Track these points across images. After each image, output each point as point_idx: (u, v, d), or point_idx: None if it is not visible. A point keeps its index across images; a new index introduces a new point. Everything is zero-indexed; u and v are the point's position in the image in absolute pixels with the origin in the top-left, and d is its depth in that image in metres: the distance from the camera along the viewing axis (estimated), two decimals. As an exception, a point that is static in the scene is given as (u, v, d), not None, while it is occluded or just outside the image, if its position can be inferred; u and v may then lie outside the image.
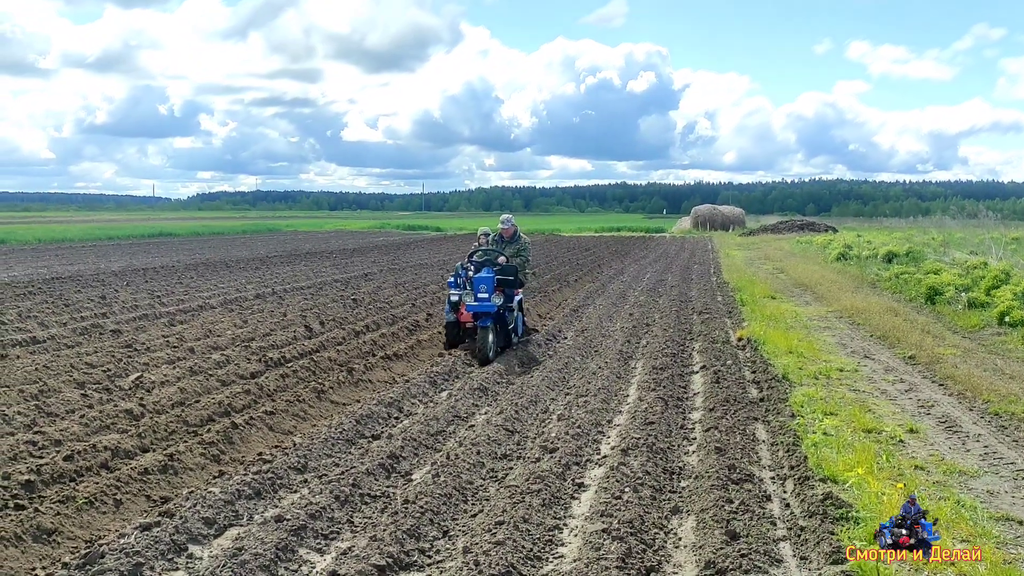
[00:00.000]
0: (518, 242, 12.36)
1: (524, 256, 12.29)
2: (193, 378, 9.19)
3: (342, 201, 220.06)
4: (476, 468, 6.48)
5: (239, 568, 4.57)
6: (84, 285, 18.65)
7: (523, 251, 12.34)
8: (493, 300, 10.74)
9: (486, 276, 10.97)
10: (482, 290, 10.79)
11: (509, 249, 12.13)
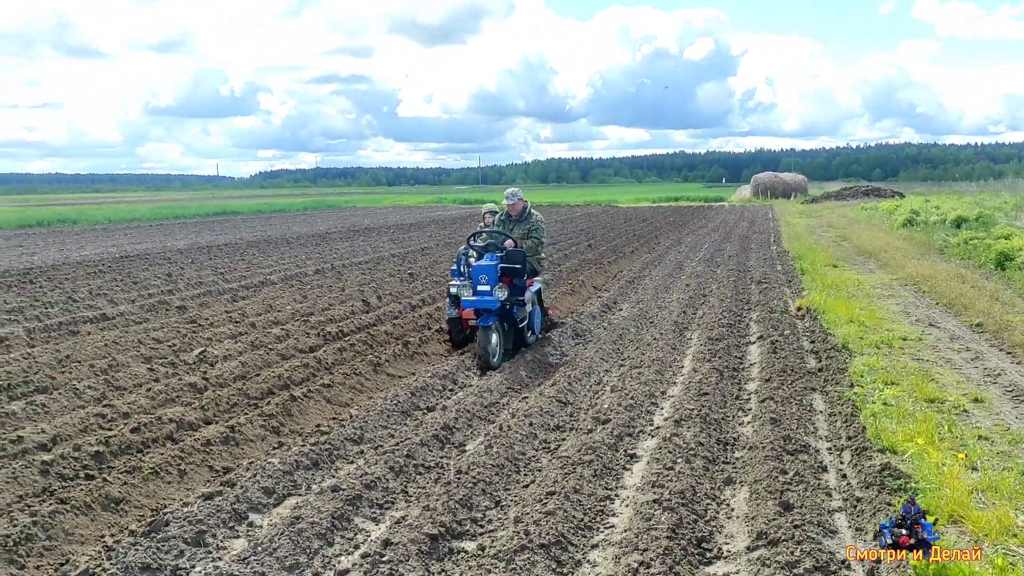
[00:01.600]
0: (528, 221, 10.18)
1: (536, 237, 10.14)
2: (254, 352, 9.42)
3: (400, 176, 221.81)
4: (528, 439, 6.52)
5: (297, 536, 4.70)
6: (151, 263, 19.21)
7: (534, 231, 10.15)
8: (496, 294, 8.95)
9: (487, 265, 9.15)
10: (482, 281, 9.04)
11: (517, 230, 10.08)
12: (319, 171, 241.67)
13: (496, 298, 8.94)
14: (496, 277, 9.10)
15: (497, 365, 8.90)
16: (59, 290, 14.44)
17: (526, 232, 10.10)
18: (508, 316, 9.30)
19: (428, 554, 4.52)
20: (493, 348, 8.98)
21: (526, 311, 9.59)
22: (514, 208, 10.14)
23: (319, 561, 4.57)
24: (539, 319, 10.27)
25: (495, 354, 9.02)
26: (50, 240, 27.27)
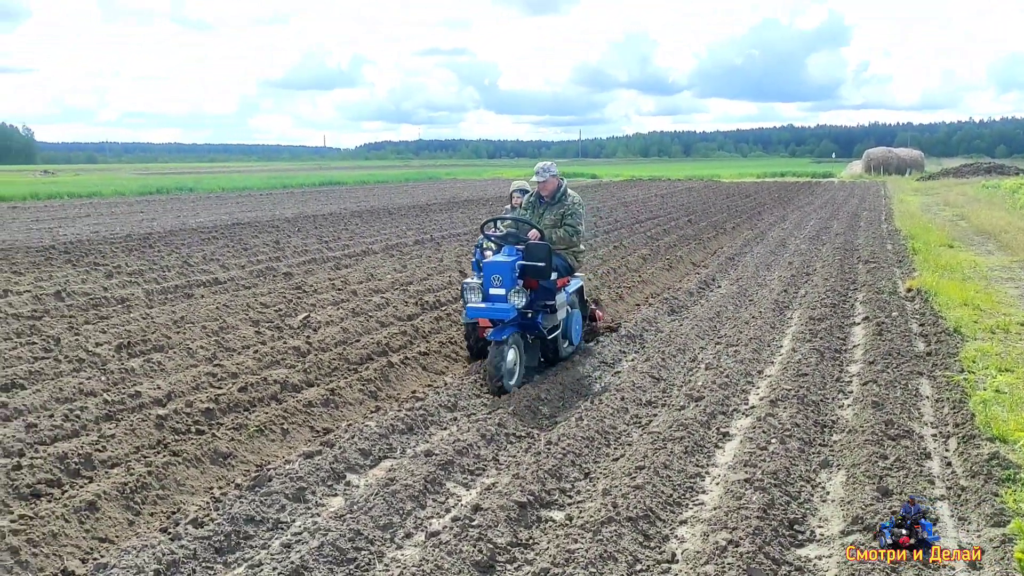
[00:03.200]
0: (563, 203, 8.07)
1: (571, 225, 7.99)
2: (355, 319, 9.71)
3: (500, 149, 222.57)
4: (619, 413, 6.51)
5: (391, 497, 4.85)
6: (260, 231, 19.97)
7: (569, 217, 8.00)
8: (511, 299, 7.10)
9: (502, 262, 7.32)
10: (495, 283, 7.23)
11: (549, 215, 8.05)
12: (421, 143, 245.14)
13: (512, 305, 7.10)
14: (514, 278, 7.22)
15: (512, 388, 7.10)
16: (175, 255, 15.20)
17: (559, 218, 8.01)
18: (531, 326, 7.43)
19: (517, 521, 4.60)
20: (508, 368, 7.12)
21: (557, 318, 7.58)
22: (545, 187, 8.03)
23: (411, 522, 4.71)
24: (578, 325, 8.22)
25: (512, 375, 7.21)
26: (168, 207, 28.66)
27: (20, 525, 4.50)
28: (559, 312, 7.59)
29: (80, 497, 4.83)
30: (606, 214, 24.88)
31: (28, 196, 32.71)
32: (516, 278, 7.25)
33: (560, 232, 7.96)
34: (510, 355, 7.20)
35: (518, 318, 7.29)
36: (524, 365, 7.51)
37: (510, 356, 7.20)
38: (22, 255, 14.84)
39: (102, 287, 11.68)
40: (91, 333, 8.87)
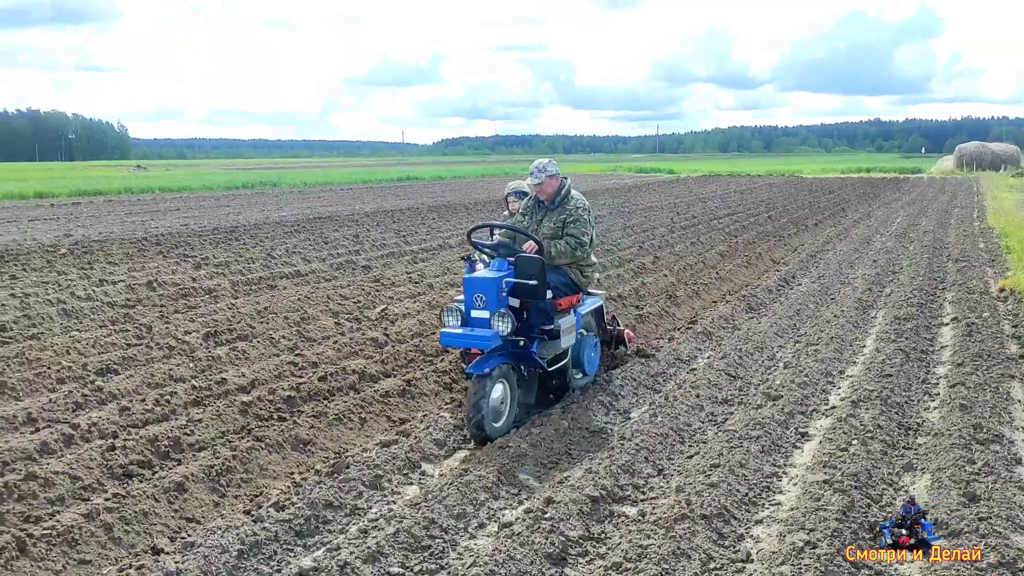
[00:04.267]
0: (564, 208, 6.73)
1: (574, 235, 6.64)
2: (431, 311, 9.84)
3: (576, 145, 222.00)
4: (694, 411, 6.45)
5: (464, 487, 4.92)
6: (341, 224, 20.40)
7: (573, 225, 6.66)
8: (495, 325, 5.89)
9: (486, 278, 6.14)
10: (477, 304, 6.08)
11: (548, 222, 6.75)
12: (498, 139, 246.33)
13: (496, 332, 5.88)
14: (499, 298, 6.03)
15: (499, 433, 5.85)
16: (260, 247, 15.66)
17: (559, 226, 6.67)
18: (524, 356, 6.17)
19: (589, 515, 4.61)
20: (493, 408, 5.87)
21: (560, 345, 6.31)
22: (543, 190, 6.70)
23: (484, 512, 4.77)
24: (594, 352, 7.03)
25: (499, 416, 5.96)
26: (253, 201, 29.51)
27: (113, 503, 4.73)
28: (564, 338, 6.29)
29: (169, 478, 5.05)
30: (683, 210, 24.57)
31: (123, 190, 34.12)
32: (504, 298, 6.06)
33: (561, 244, 6.59)
34: (496, 392, 5.89)
35: (507, 347, 6.03)
36: (518, 403, 6.19)
37: (496, 394, 5.89)
38: (117, 246, 15.51)
39: (191, 278, 12.12)
40: (180, 322, 9.22)
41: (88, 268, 12.98)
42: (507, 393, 6.10)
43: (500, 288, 6.07)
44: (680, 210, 24.52)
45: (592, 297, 7.24)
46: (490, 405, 5.83)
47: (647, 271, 13.17)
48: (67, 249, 14.95)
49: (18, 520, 4.59)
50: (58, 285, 11.37)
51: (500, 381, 5.98)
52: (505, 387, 6.08)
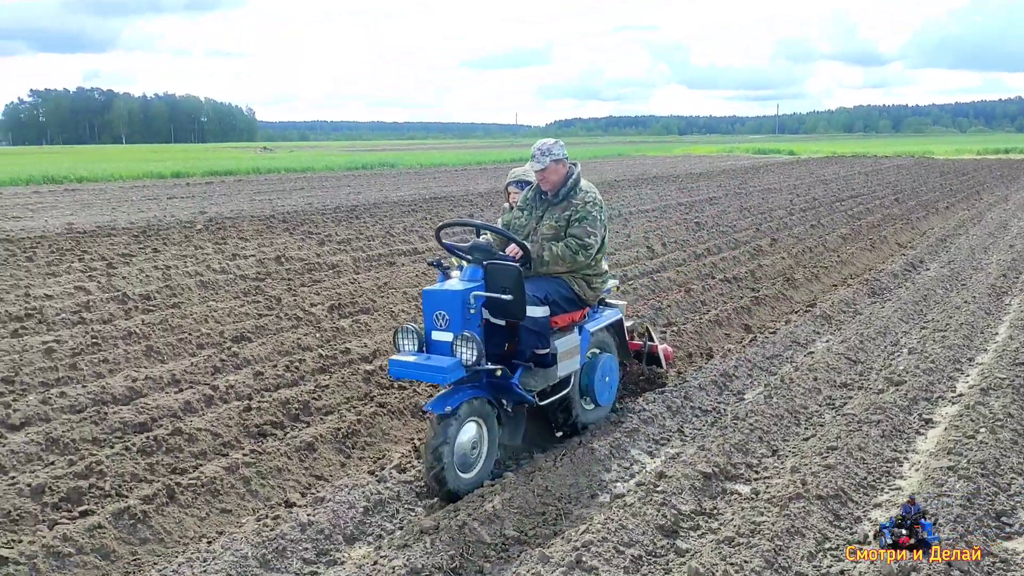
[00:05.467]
0: (569, 203, 5.40)
1: (578, 236, 5.28)
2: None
3: (691, 125, 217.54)
4: (812, 394, 6.34)
5: (578, 459, 5.03)
6: (456, 204, 20.81)
7: (578, 224, 5.32)
8: (457, 351, 4.63)
9: (449, 291, 4.84)
10: (439, 322, 4.82)
11: (549, 219, 5.41)
12: (611, 120, 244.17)
13: (457, 360, 4.62)
14: (466, 316, 4.76)
15: (470, 487, 4.71)
16: (379, 226, 16.18)
17: (562, 224, 5.35)
18: (504, 389, 4.96)
19: (701, 490, 4.64)
20: (460, 456, 4.70)
21: (556, 373, 5.11)
22: (546, 178, 5.39)
23: (597, 484, 4.87)
24: (611, 376, 5.77)
25: (468, 465, 4.80)
26: (372, 182, 30.41)
27: (250, 459, 5.09)
28: (562, 364, 5.13)
29: (300, 438, 5.38)
30: (803, 192, 23.81)
31: (251, 170, 35.79)
32: (474, 316, 4.79)
33: (558, 248, 5.21)
34: (464, 435, 4.71)
35: (480, 377, 4.79)
36: (498, 446, 5.01)
37: (464, 437, 4.71)
38: (247, 223, 16.35)
39: (315, 254, 12.68)
40: (307, 295, 9.69)
41: (222, 243, 13.75)
42: (482, 435, 4.85)
43: (466, 303, 4.74)
44: (800, 192, 23.76)
45: (608, 310, 5.91)
46: (455, 453, 4.61)
47: (763, 253, 12.89)
48: (203, 225, 15.87)
49: (166, 471, 5.00)
50: (195, 259, 12.11)
51: (472, 421, 4.76)
52: (479, 428, 4.83)
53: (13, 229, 15.08)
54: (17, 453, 5.10)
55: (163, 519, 4.45)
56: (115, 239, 14.01)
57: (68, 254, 12.42)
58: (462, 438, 4.71)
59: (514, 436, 5.27)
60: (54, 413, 5.77)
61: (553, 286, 5.28)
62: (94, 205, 20.64)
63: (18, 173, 29.77)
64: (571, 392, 5.41)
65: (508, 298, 4.74)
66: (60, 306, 8.84)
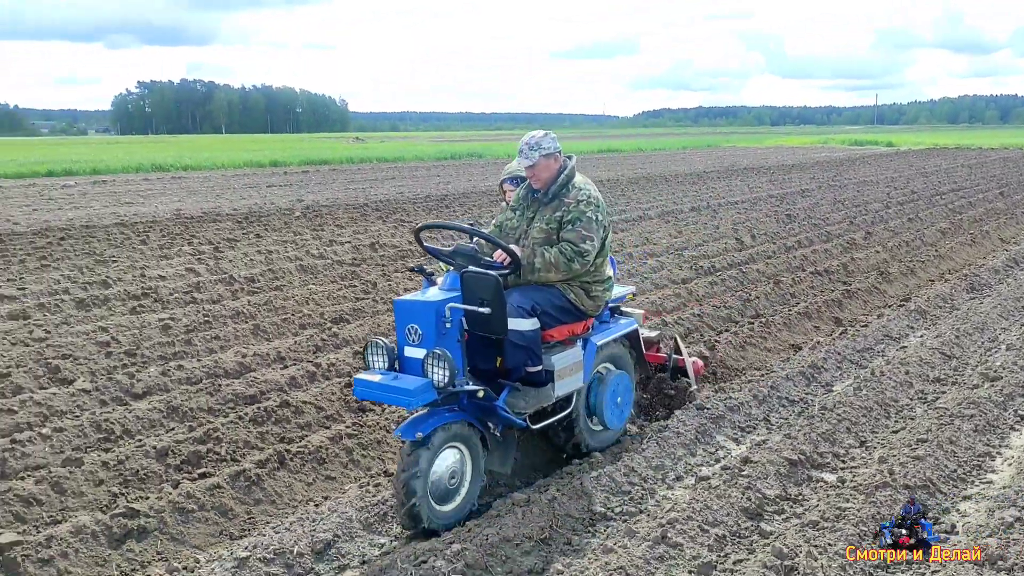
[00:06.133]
0: (561, 201, 4.81)
1: (571, 241, 4.66)
2: (629, 279, 10.07)
3: (784, 116, 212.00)
4: (903, 387, 6.29)
5: (663, 442, 5.17)
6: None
7: (571, 227, 4.71)
8: (429, 372, 4.13)
9: (422, 303, 4.34)
10: (411, 337, 4.31)
11: (540, 220, 4.83)
12: (701, 111, 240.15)
13: (427, 380, 4.12)
14: (440, 330, 4.25)
15: (449, 521, 4.25)
16: (468, 215, 16.51)
17: (554, 227, 4.76)
18: (489, 411, 4.47)
19: (786, 476, 4.71)
20: (436, 486, 4.24)
21: (553, 392, 4.64)
22: (536, 175, 4.84)
23: (682, 466, 5.00)
24: (623, 395, 5.18)
25: (447, 498, 4.32)
26: (460, 171, 30.89)
27: (352, 431, 5.42)
28: (560, 383, 4.67)
29: (397, 413, 5.67)
30: (901, 185, 23.09)
31: (344, 160, 36.79)
32: (450, 330, 4.26)
33: (551, 254, 4.63)
34: (441, 464, 4.25)
35: (462, 399, 4.35)
36: (483, 475, 4.49)
37: (441, 466, 4.25)
38: (342, 211, 16.93)
39: (407, 241, 13.07)
40: (400, 280, 10.05)
41: (319, 230, 14.31)
42: (463, 463, 4.38)
43: (441, 316, 4.22)
44: (897, 185, 23.05)
45: (623, 320, 5.41)
46: (429, 484, 4.14)
47: (857, 247, 12.65)
48: (300, 213, 16.52)
49: (276, 439, 5.37)
50: (295, 244, 12.66)
51: (450, 447, 4.29)
52: (460, 455, 4.36)
53: (127, 214, 16.01)
54: (142, 419, 5.55)
55: (274, 483, 4.80)
56: (220, 224, 14.73)
57: (178, 238, 13.16)
58: (439, 467, 4.22)
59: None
60: (173, 384, 6.23)
61: (544, 295, 4.67)
62: (199, 192, 21.67)
63: (128, 161, 31.42)
64: (574, 413, 4.94)
65: (485, 311, 4.26)
66: (173, 286, 9.43)
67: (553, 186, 4.83)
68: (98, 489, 4.68)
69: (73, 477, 4.68)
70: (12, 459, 4.89)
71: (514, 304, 4.46)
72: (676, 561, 3.80)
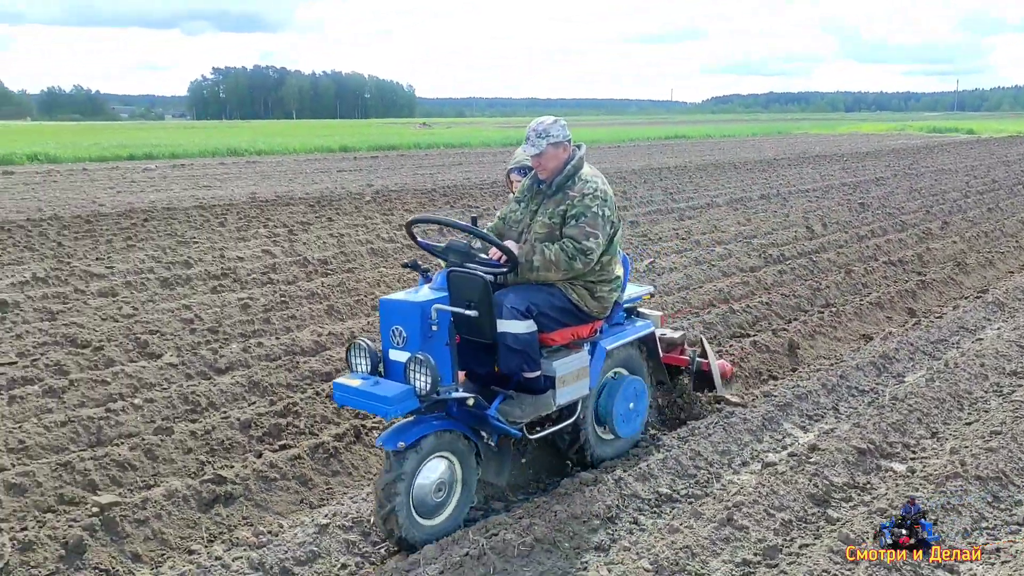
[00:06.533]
0: (565, 194, 4.44)
1: (574, 237, 4.29)
2: (697, 267, 10.06)
3: (859, 102, 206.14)
4: (977, 379, 6.18)
5: (729, 428, 5.21)
6: (609, 181, 20.84)
7: (573, 223, 4.33)
8: (412, 378, 3.86)
9: (407, 304, 4.07)
10: (396, 340, 4.07)
11: (543, 214, 4.46)
12: (771, 96, 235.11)
13: (408, 388, 3.86)
14: (426, 333, 3.98)
15: (435, 535, 3.93)
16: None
17: (556, 221, 4.40)
18: (480, 419, 4.19)
19: (854, 465, 4.72)
20: (420, 499, 3.95)
21: (554, 400, 4.36)
22: (542, 164, 4.49)
23: (748, 452, 5.04)
24: (636, 404, 4.84)
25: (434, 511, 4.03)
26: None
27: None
28: (561, 391, 4.38)
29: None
30: (981, 174, 22.35)
31: (412, 146, 37.21)
32: (438, 332, 3.99)
33: (551, 251, 4.24)
34: (427, 476, 3.96)
35: (451, 406, 4.11)
36: (474, 492, 4.21)
37: (427, 478, 3.96)
38: (411, 196, 17.21)
39: (475, 226, 13.23)
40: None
41: (389, 214, 14.59)
42: (452, 475, 4.08)
43: (427, 318, 3.94)
44: (978, 174, 22.32)
45: (638, 322, 5.07)
46: (413, 496, 3.88)
47: (933, 237, 12.35)
48: (370, 197, 16.85)
49: (351, 415, 5.57)
50: (366, 228, 12.95)
51: (439, 458, 4.00)
52: (449, 467, 4.06)
53: (205, 197, 16.57)
54: (225, 392, 5.83)
55: (351, 456, 5.01)
56: (293, 208, 15.14)
57: (254, 221, 13.57)
58: (424, 479, 3.92)
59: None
60: (253, 360, 6.51)
61: (542, 296, 4.29)
62: (272, 176, 22.24)
63: (204, 145, 32.36)
64: (581, 421, 4.63)
65: (472, 314, 4.00)
66: (250, 267, 9.77)
67: (558, 177, 4.46)
68: (187, 457, 4.95)
69: (164, 445, 4.97)
70: (107, 427, 5.21)
71: (508, 305, 4.11)
72: (741, 543, 3.87)
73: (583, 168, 4.52)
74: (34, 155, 26.55)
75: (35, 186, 18.80)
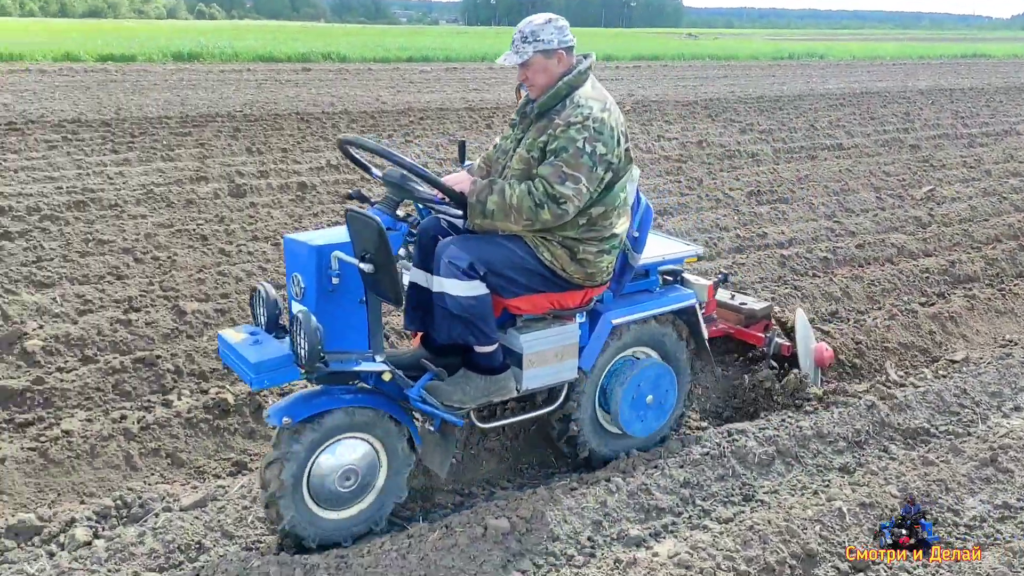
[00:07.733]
0: (551, 121, 3.24)
1: (545, 178, 3.13)
2: (985, 198, 9.15)
3: None
4: None
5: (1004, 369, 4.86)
6: (889, 101, 19.27)
7: (555, 157, 3.15)
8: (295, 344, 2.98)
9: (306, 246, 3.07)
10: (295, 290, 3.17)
11: (522, 145, 3.34)
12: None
13: (287, 353, 3.02)
14: (326, 287, 3.06)
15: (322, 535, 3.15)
16: (803, 118, 15.71)
17: (536, 155, 3.28)
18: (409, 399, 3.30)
19: None
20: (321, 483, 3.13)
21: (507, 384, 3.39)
22: (531, 81, 3.35)
23: (1022, 397, 4.66)
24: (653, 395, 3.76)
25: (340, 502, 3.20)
26: (798, 72, 29.13)
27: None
28: (534, 370, 3.44)
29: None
30: None
31: (675, 56, 36.25)
32: (338, 285, 3.05)
33: (514, 193, 3.16)
34: (336, 460, 3.15)
35: (375, 382, 3.27)
36: (401, 476, 3.30)
37: (335, 463, 3.15)
38: (671, 107, 16.92)
39: (736, 141, 12.83)
40: (725, 179, 10.00)
41: (647, 124, 14.49)
42: (371, 463, 3.25)
43: (325, 265, 3.04)
44: None
45: (674, 291, 3.94)
46: (310, 482, 3.12)
47: None
48: (630, 107, 16.78)
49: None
50: (624, 137, 12.97)
51: (354, 439, 3.20)
52: (370, 453, 3.25)
53: (475, 100, 17.36)
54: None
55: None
56: (555, 114, 15.46)
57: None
58: (325, 463, 3.13)
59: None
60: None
61: (497, 250, 3.28)
62: (536, 83, 22.72)
63: (475, 50, 33.60)
64: (574, 409, 3.69)
65: (366, 268, 2.94)
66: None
67: (545, 96, 3.33)
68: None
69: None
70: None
71: (447, 259, 3.20)
72: (1004, 485, 3.65)
73: (583, 87, 3.33)
74: (328, 54, 29.01)
75: (328, 83, 20.64)
